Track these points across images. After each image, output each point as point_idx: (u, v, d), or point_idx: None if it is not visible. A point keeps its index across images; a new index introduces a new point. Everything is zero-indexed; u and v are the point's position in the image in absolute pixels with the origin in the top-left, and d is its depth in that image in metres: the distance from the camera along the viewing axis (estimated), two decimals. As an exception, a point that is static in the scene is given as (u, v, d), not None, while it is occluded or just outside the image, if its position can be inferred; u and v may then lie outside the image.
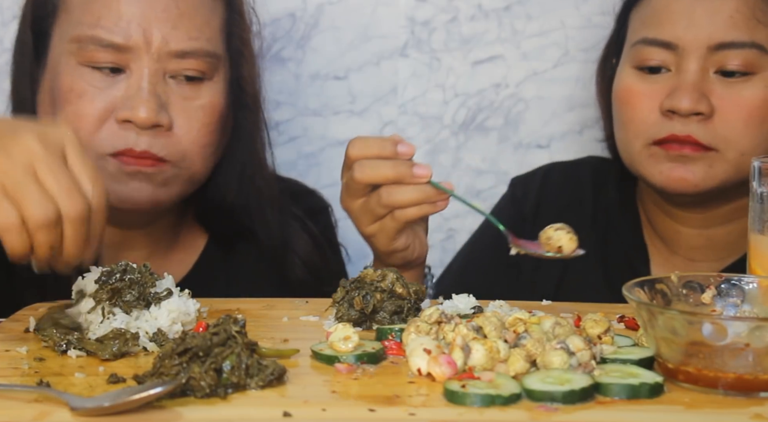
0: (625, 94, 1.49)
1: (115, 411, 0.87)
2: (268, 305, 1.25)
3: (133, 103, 1.35)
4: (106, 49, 1.36)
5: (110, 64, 1.36)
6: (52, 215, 1.03)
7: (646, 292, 1.04)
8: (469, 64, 1.88)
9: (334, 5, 1.86)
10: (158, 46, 1.36)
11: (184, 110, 1.39)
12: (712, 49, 1.43)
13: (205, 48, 1.40)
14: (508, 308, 1.17)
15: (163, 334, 1.07)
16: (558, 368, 0.95)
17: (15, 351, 1.05)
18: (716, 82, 1.44)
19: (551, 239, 1.21)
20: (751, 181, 1.16)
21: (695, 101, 1.42)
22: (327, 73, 1.88)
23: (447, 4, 1.86)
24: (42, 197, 1.03)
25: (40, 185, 1.04)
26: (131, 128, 1.36)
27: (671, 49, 1.45)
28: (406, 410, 0.89)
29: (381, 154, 1.26)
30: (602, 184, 1.65)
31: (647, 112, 1.46)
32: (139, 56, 1.36)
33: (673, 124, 1.44)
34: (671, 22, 1.46)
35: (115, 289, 1.09)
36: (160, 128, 1.36)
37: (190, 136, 1.39)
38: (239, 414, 0.89)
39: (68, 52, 1.38)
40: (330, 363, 1.01)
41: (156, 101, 1.36)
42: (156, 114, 1.35)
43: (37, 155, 1.04)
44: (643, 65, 1.48)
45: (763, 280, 1.08)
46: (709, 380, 0.94)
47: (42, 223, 1.03)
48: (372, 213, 1.28)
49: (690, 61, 1.44)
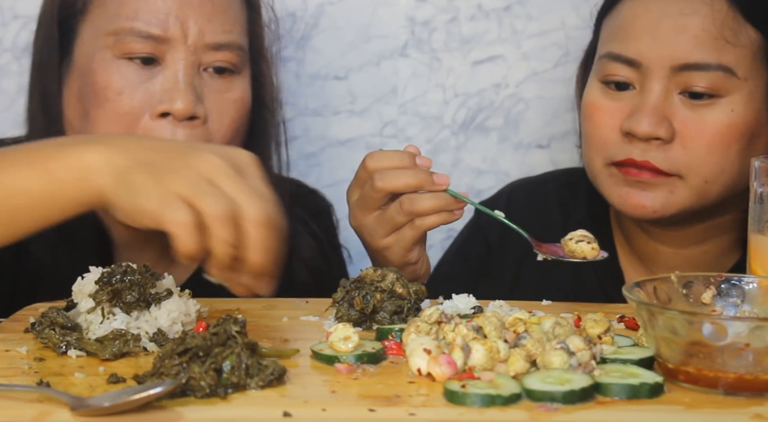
0: (589, 109, 1.44)
1: (115, 411, 0.87)
2: (268, 305, 1.25)
3: (171, 95, 1.37)
4: (145, 40, 1.37)
5: (148, 55, 1.37)
6: (231, 211, 0.98)
7: (646, 292, 1.04)
8: (469, 64, 1.88)
9: (334, 5, 1.86)
10: (195, 38, 1.38)
11: (217, 103, 1.40)
12: (676, 69, 1.36)
13: (237, 41, 1.42)
14: (508, 308, 1.17)
15: (163, 334, 1.07)
16: (558, 368, 0.95)
17: (15, 351, 1.05)
18: (679, 105, 1.36)
19: (575, 252, 1.24)
20: (751, 181, 1.16)
21: (654, 125, 1.35)
22: (327, 73, 1.88)
23: (447, 4, 1.86)
24: (221, 195, 0.99)
25: (220, 188, 1.00)
26: (167, 123, 1.37)
27: (635, 66, 1.38)
28: (406, 410, 0.89)
29: (400, 165, 1.26)
30: (571, 201, 1.58)
31: (608, 131, 1.40)
32: (175, 48, 1.38)
33: (632, 147, 1.38)
34: (635, 38, 1.38)
35: (116, 290, 1.09)
36: (197, 121, 1.38)
37: (222, 130, 1.41)
38: (239, 414, 0.89)
39: (103, 47, 1.38)
40: (330, 363, 1.01)
41: (193, 93, 1.38)
42: (193, 105, 1.37)
43: (218, 166, 1.00)
44: (608, 80, 1.41)
45: (763, 280, 1.08)
46: (709, 380, 0.94)
47: (221, 216, 0.98)
48: (390, 223, 1.28)
49: (653, 81, 1.37)
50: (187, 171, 1.00)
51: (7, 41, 1.82)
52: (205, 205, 0.98)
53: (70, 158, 1.04)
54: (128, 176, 1.01)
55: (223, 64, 1.41)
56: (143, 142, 1.09)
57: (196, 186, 0.99)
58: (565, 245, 1.24)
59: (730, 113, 1.36)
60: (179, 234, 0.98)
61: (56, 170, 1.03)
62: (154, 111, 1.36)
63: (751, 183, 1.16)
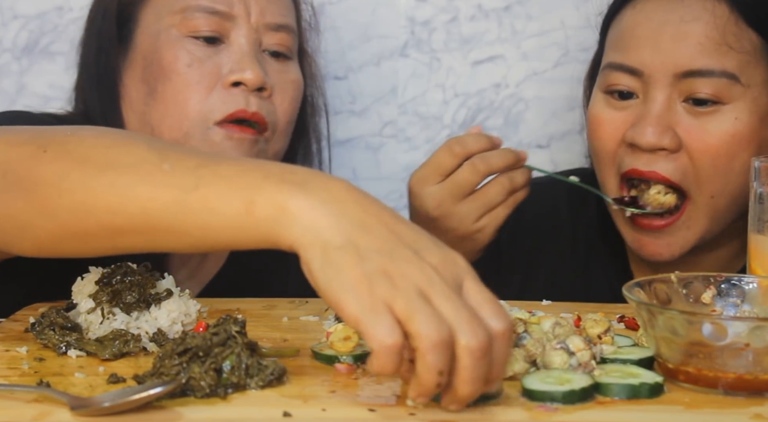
0: (594, 122, 1.42)
1: (115, 411, 0.87)
2: (268, 305, 1.25)
3: (240, 66, 1.40)
4: (211, 16, 1.40)
5: (212, 32, 1.41)
6: (446, 336, 0.83)
7: (646, 292, 1.04)
8: (469, 64, 1.88)
9: (334, 5, 1.86)
10: (257, 17, 1.43)
11: (278, 81, 1.44)
12: (679, 76, 1.34)
13: (292, 25, 1.47)
14: (508, 308, 1.17)
15: (163, 334, 1.07)
16: (558, 368, 0.95)
17: (15, 351, 1.05)
18: (683, 114, 1.35)
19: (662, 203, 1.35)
20: (751, 181, 1.16)
21: (659, 135, 1.33)
22: (327, 73, 1.88)
23: (447, 4, 1.86)
24: (437, 317, 0.83)
25: (435, 308, 0.84)
26: (240, 91, 1.40)
27: (637, 75, 1.37)
28: (406, 410, 0.89)
29: (488, 147, 1.31)
30: (580, 204, 1.56)
31: (613, 143, 1.39)
32: (239, 25, 1.42)
33: (638, 158, 1.36)
34: (637, 46, 1.37)
35: (116, 291, 1.09)
36: (265, 93, 1.41)
37: (284, 107, 1.44)
38: (239, 414, 0.89)
39: (168, 26, 1.41)
40: (330, 363, 1.01)
41: (259, 65, 1.41)
42: (263, 76, 1.40)
43: (436, 280, 0.85)
44: (611, 90, 1.40)
45: (763, 280, 1.08)
46: (709, 380, 0.94)
47: (435, 342, 0.82)
48: (487, 206, 1.31)
49: (656, 90, 1.35)
50: (403, 282, 0.84)
51: (7, 41, 1.82)
52: (419, 327, 0.83)
53: (273, 196, 0.90)
54: (332, 255, 0.86)
55: (279, 49, 1.45)
56: (352, 207, 0.89)
57: (411, 302, 0.84)
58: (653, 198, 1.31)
59: (734, 121, 1.34)
60: (381, 354, 0.83)
61: (257, 203, 0.90)
62: (226, 81, 1.40)
63: (750, 183, 1.16)
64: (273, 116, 1.43)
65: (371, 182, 1.89)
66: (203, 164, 0.93)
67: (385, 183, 1.88)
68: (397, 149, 1.89)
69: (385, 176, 1.88)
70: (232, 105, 1.39)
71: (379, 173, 1.89)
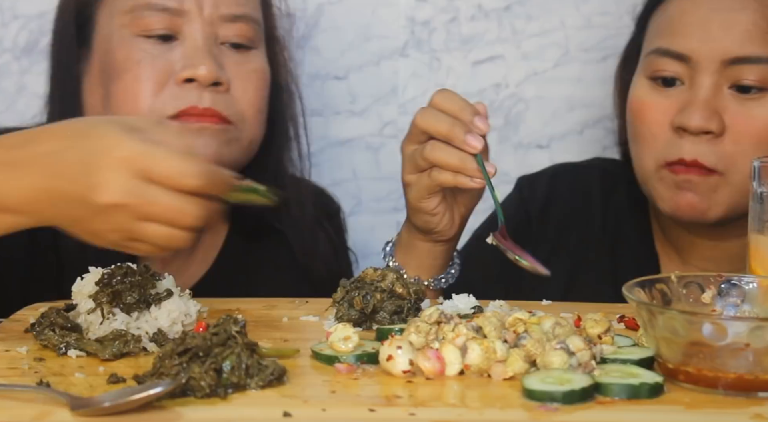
0: (638, 107, 1.45)
1: (115, 411, 0.87)
2: (268, 305, 1.25)
3: (192, 62, 1.39)
4: (161, 13, 1.39)
5: (164, 30, 1.39)
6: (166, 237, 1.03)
7: (646, 292, 1.04)
8: (469, 64, 1.88)
9: (334, 5, 1.86)
10: (210, 9, 1.40)
11: (238, 73, 1.42)
12: (726, 63, 1.38)
13: (252, 14, 1.45)
14: (508, 309, 1.17)
15: (163, 334, 1.07)
16: (558, 368, 0.95)
17: (15, 351, 1.05)
18: (730, 99, 1.39)
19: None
20: (751, 181, 1.16)
21: (706, 119, 1.37)
22: (327, 73, 1.88)
23: (447, 4, 1.86)
24: (164, 231, 1.03)
25: (154, 221, 1.02)
26: (192, 87, 1.38)
27: (685, 61, 1.40)
28: (406, 410, 0.89)
29: (449, 110, 1.24)
30: (612, 188, 1.60)
31: (658, 127, 1.42)
32: (192, 20, 1.40)
33: (683, 143, 1.39)
34: (685, 33, 1.41)
35: (116, 292, 1.09)
36: (220, 87, 1.40)
37: (247, 97, 1.42)
38: (239, 414, 0.89)
39: (120, 26, 1.40)
40: (330, 363, 1.01)
41: (213, 60, 1.39)
42: (216, 71, 1.39)
43: (128, 207, 1.00)
44: (656, 76, 1.43)
45: (763, 280, 1.08)
46: (709, 380, 0.94)
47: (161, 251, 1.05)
48: (412, 162, 1.26)
49: (703, 76, 1.39)
50: (105, 225, 1.02)
51: (7, 41, 1.82)
52: (139, 246, 1.04)
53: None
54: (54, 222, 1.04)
55: (238, 40, 1.43)
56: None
57: (134, 233, 1.02)
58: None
59: None
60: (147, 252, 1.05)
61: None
62: (179, 77, 1.38)
63: (750, 183, 1.16)
64: (233, 109, 1.41)
65: (371, 182, 1.89)
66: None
67: (385, 183, 1.88)
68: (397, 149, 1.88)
69: (385, 176, 1.88)
70: (182, 101, 1.38)
71: (379, 173, 1.89)
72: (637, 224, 1.56)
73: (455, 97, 1.26)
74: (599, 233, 1.57)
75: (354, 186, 1.89)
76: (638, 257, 1.54)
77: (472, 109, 1.24)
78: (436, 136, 1.23)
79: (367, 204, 1.90)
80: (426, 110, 1.25)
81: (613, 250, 1.55)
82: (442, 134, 1.23)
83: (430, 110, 1.24)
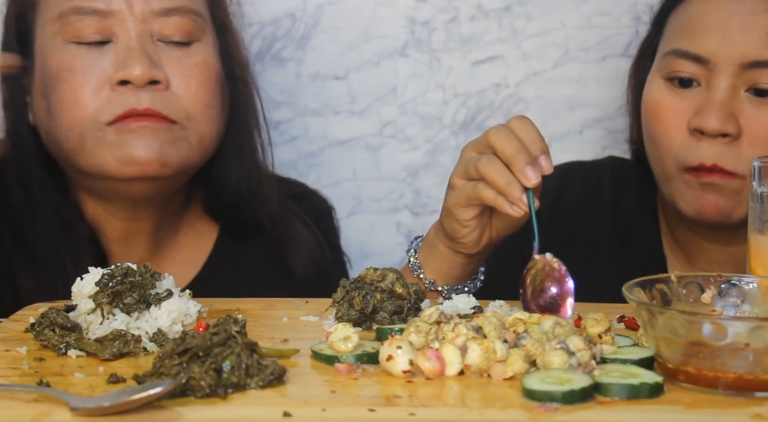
0: (654, 108, 1.44)
1: (115, 411, 0.87)
2: (268, 305, 1.25)
3: (125, 63, 1.35)
4: (90, 17, 1.35)
5: (95, 34, 1.36)
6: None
7: (646, 292, 1.04)
8: (469, 64, 1.88)
9: (334, 5, 1.86)
10: (141, 6, 1.36)
11: (178, 69, 1.38)
12: (744, 66, 1.38)
13: (189, 6, 1.39)
14: (508, 309, 1.17)
15: (163, 334, 1.07)
16: (558, 368, 0.95)
17: (15, 351, 1.05)
18: (746, 102, 1.38)
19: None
20: (751, 181, 1.16)
21: (723, 122, 1.37)
22: (327, 73, 1.88)
23: (447, 4, 1.86)
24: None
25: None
26: (129, 90, 1.35)
27: (702, 63, 1.40)
28: (406, 410, 0.89)
29: (525, 141, 1.23)
30: (622, 189, 1.59)
31: (674, 129, 1.41)
32: (123, 20, 1.36)
33: (701, 146, 1.39)
34: (704, 35, 1.40)
35: (116, 292, 1.09)
36: (158, 86, 1.36)
37: (190, 93, 1.38)
38: (239, 414, 0.89)
39: (53, 34, 1.37)
40: (330, 363, 1.01)
41: (148, 58, 1.35)
42: (150, 69, 1.34)
43: None
44: (672, 77, 1.42)
45: (763, 280, 1.08)
46: (709, 380, 0.94)
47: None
48: (467, 169, 1.26)
49: (721, 78, 1.38)
50: None
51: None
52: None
53: None
54: None
55: (175, 34, 1.38)
56: None
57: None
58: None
59: None
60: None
61: None
62: (113, 80, 1.35)
63: (750, 183, 1.16)
64: (176, 107, 1.37)
65: (371, 182, 1.89)
66: None
67: (385, 183, 1.88)
68: (397, 149, 1.89)
69: (385, 176, 1.88)
70: (120, 105, 1.35)
71: (379, 173, 1.89)
72: (646, 225, 1.55)
73: (532, 128, 1.25)
74: (608, 232, 1.56)
75: (354, 186, 1.89)
76: (646, 258, 1.53)
77: (543, 146, 1.24)
78: (500, 155, 1.23)
79: (366, 204, 1.90)
80: (502, 128, 1.25)
81: (622, 250, 1.55)
82: (506, 156, 1.23)
83: (506, 130, 1.24)
